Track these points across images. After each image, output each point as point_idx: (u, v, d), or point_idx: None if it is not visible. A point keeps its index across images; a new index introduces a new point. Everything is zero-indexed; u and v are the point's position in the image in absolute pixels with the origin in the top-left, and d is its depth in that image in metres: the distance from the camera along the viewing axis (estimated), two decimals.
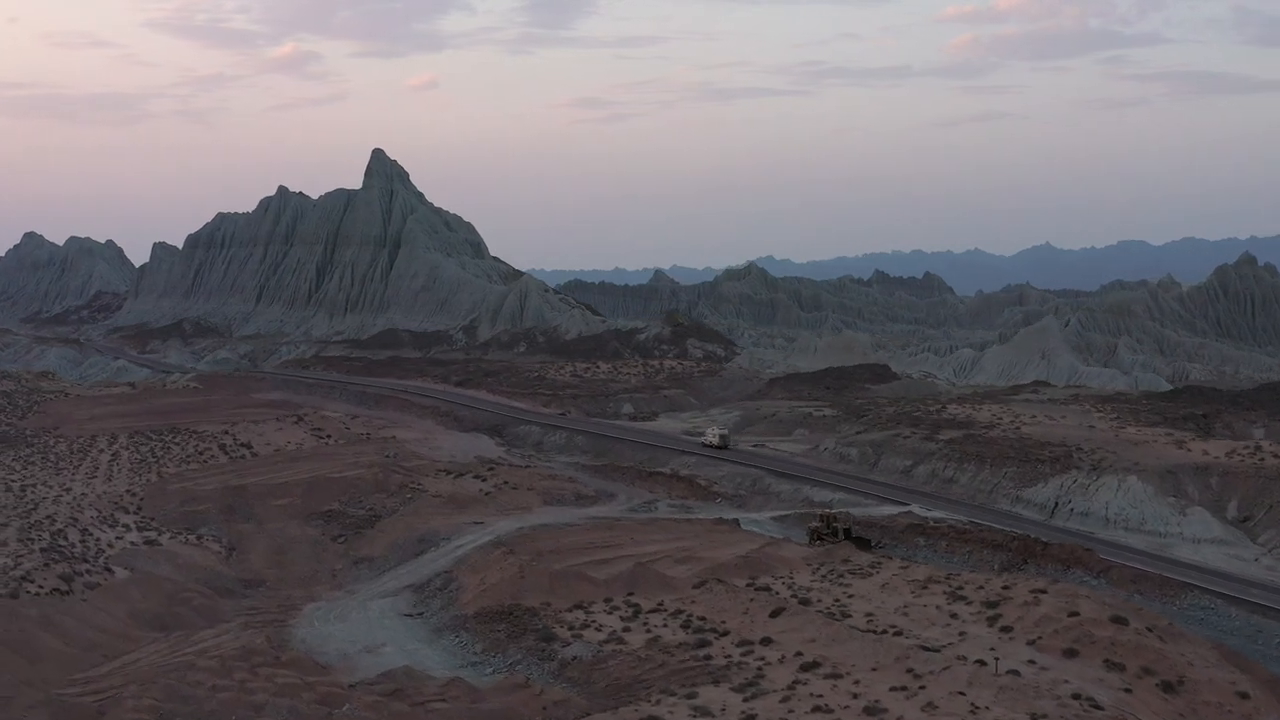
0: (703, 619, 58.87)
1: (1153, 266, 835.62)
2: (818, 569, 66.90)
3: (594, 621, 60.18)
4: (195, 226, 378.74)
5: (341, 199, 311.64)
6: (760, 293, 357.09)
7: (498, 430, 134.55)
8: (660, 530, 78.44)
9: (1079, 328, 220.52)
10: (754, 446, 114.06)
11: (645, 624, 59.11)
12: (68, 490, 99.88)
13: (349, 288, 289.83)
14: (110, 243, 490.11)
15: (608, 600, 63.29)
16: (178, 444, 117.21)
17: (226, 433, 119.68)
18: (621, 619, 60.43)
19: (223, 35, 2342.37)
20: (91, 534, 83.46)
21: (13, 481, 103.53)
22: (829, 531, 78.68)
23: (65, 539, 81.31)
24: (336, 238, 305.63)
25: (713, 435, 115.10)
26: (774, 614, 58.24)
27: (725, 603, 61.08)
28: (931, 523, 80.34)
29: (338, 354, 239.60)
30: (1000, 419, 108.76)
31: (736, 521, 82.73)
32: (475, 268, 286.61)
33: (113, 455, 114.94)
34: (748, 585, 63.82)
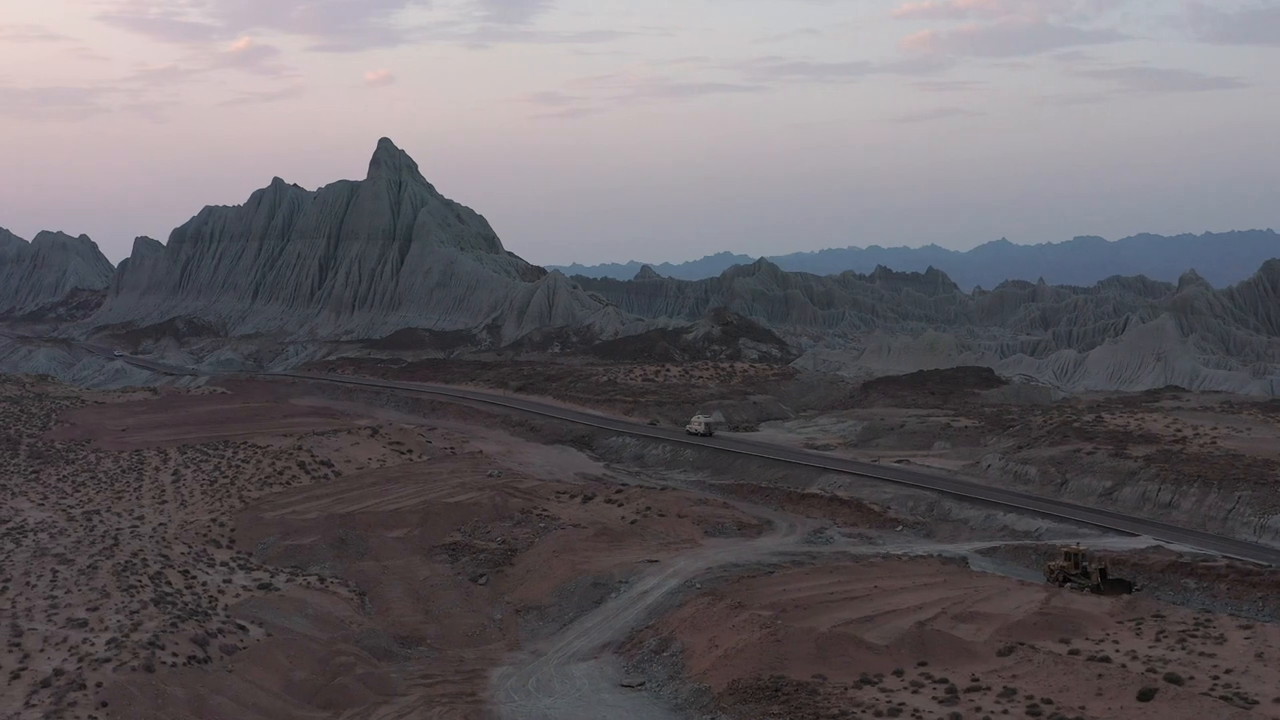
0: (1048, 702, 46.91)
1: (1109, 262, 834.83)
2: (1137, 629, 55.06)
3: (902, 704, 48.05)
4: (161, 221, 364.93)
5: (344, 190, 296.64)
6: (772, 289, 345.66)
7: (586, 442, 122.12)
8: (887, 573, 66.37)
9: (1138, 324, 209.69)
10: (898, 462, 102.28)
11: (976, 708, 47.07)
12: (141, 519, 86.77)
13: (356, 284, 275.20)
14: (84, 237, 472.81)
15: (898, 673, 51.15)
16: (245, 461, 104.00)
17: (300, 448, 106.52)
18: (937, 700, 48.34)
19: (177, 29, 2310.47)
20: (194, 577, 70.56)
21: (72, 509, 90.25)
22: (1078, 572, 66.84)
23: (168, 584, 68.41)
24: (340, 231, 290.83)
25: (698, 424, 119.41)
26: (1144, 696, 46.38)
27: (1061, 678, 49.15)
28: (1202, 561, 68.55)
29: (355, 354, 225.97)
30: (1181, 431, 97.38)
31: (965, 560, 70.79)
32: (492, 263, 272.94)
33: (174, 475, 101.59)
34: (1070, 653, 51.88)
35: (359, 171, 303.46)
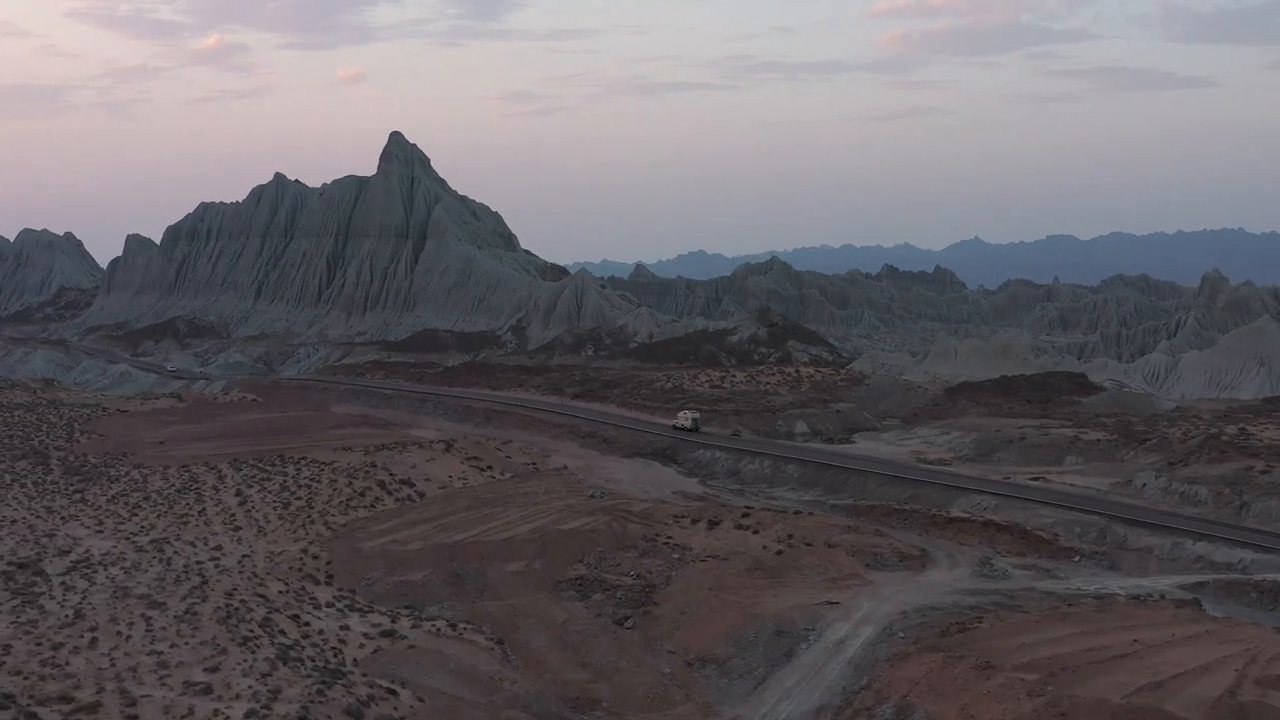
0: None
1: (1082, 261, 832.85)
2: None
3: None
4: (141, 218, 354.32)
5: (352, 187, 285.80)
6: (787, 289, 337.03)
7: (669, 455, 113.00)
8: (1123, 619, 57.62)
9: (1197, 327, 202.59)
10: (1033, 479, 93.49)
11: None
12: (219, 550, 77.19)
13: (368, 283, 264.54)
14: (69, 235, 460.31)
15: None
16: (315, 480, 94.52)
17: (374, 465, 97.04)
18: None
19: (147, 26, 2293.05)
20: (307, 624, 61.12)
21: (136, 536, 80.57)
22: None
23: (283, 633, 58.93)
24: (348, 229, 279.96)
25: (685, 419, 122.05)
26: None
27: None
28: None
29: (373, 357, 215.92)
30: None
31: (1197, 602, 62.06)
32: (511, 261, 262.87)
33: (238, 496, 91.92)
34: None
35: (341, 167, 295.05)
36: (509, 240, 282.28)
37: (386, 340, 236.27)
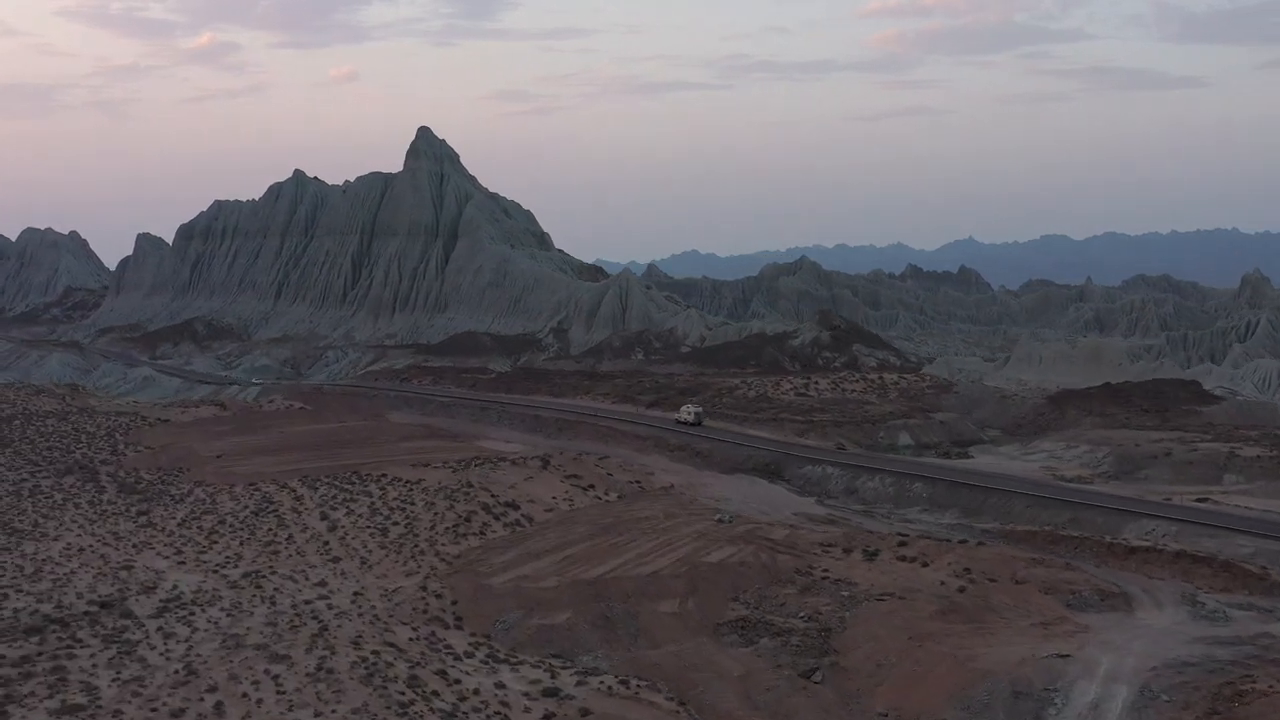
0: None
1: (1076, 262, 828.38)
2: None
3: None
4: (136, 217, 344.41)
5: (378, 184, 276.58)
6: (817, 289, 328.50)
7: (774, 471, 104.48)
8: None
9: (1270, 329, 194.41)
10: (1198, 500, 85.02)
11: None
12: (324, 585, 68.56)
13: (396, 284, 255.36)
14: (74, 234, 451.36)
15: None
16: (408, 502, 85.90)
17: (470, 484, 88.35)
18: None
19: (138, 25, 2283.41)
20: (457, 681, 52.61)
21: (226, 569, 71.96)
22: None
23: (435, 694, 50.41)
24: (374, 227, 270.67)
25: (687, 413, 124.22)
26: None
27: None
28: None
29: (409, 360, 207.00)
30: None
31: None
32: (546, 261, 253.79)
33: (325, 520, 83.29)
34: None
35: (339, 164, 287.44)
36: (542, 239, 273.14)
37: (420, 343, 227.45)
